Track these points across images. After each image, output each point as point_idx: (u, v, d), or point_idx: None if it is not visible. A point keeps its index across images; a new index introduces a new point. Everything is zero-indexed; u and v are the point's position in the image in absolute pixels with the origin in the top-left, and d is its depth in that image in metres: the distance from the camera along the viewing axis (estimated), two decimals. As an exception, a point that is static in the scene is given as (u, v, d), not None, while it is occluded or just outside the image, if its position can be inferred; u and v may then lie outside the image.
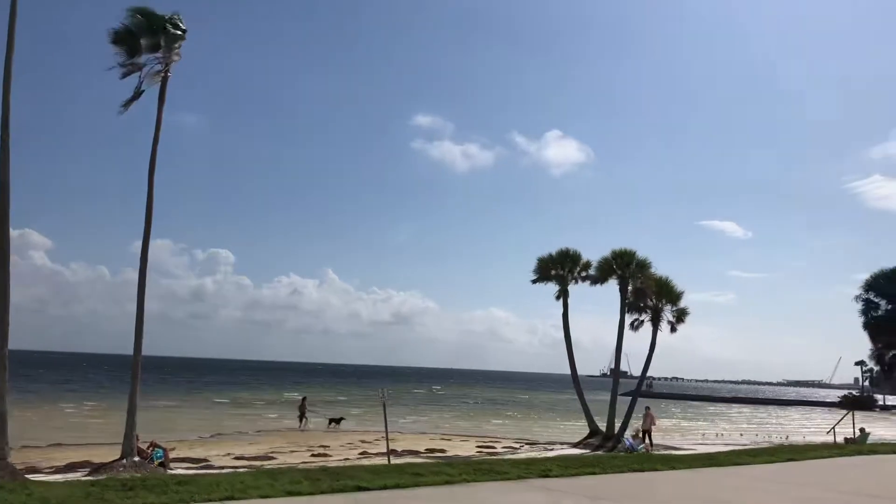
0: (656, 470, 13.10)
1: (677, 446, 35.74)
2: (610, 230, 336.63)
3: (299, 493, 8.98)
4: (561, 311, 36.67)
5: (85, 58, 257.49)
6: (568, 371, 37.96)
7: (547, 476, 11.57)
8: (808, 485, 12.44)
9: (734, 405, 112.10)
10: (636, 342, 36.13)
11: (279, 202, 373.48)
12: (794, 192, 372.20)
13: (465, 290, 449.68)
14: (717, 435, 47.71)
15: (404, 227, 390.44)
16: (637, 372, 37.02)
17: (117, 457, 22.13)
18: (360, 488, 9.56)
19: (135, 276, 23.76)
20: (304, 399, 44.32)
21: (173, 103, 22.95)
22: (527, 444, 35.87)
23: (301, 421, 41.88)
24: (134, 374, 23.75)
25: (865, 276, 64.79)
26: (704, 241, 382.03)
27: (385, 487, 9.72)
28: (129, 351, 22.93)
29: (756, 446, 32.66)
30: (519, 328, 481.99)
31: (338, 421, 42.32)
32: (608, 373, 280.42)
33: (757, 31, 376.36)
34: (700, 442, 40.61)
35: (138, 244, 23.52)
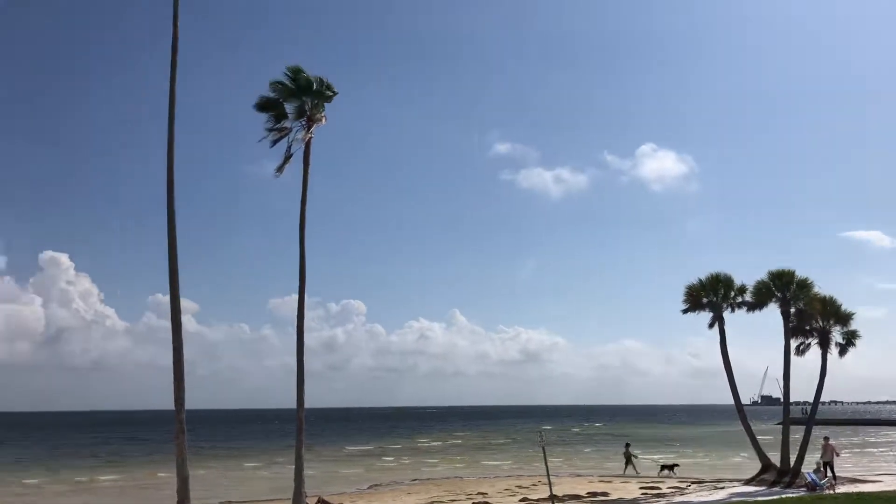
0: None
1: (861, 478, 32.89)
2: (735, 246, 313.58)
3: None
4: (688, 338, 34.82)
5: (204, 127, 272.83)
6: (715, 401, 36.49)
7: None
8: None
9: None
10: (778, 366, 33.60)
11: (403, 250, 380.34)
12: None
13: (594, 323, 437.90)
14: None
15: (524, 262, 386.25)
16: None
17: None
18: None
19: (271, 331, 24.37)
20: (627, 445, 43.26)
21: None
22: (693, 482, 33.97)
23: (626, 466, 40.76)
24: (299, 428, 24.07)
25: None
26: (848, 253, 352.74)
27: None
28: (269, 405, 23.65)
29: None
30: (654, 359, 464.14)
31: (671, 468, 39.20)
32: (759, 400, 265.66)
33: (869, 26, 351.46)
34: (887, 472, 37.24)
35: (275, 301, 24.57)
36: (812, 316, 32.47)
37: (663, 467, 39.20)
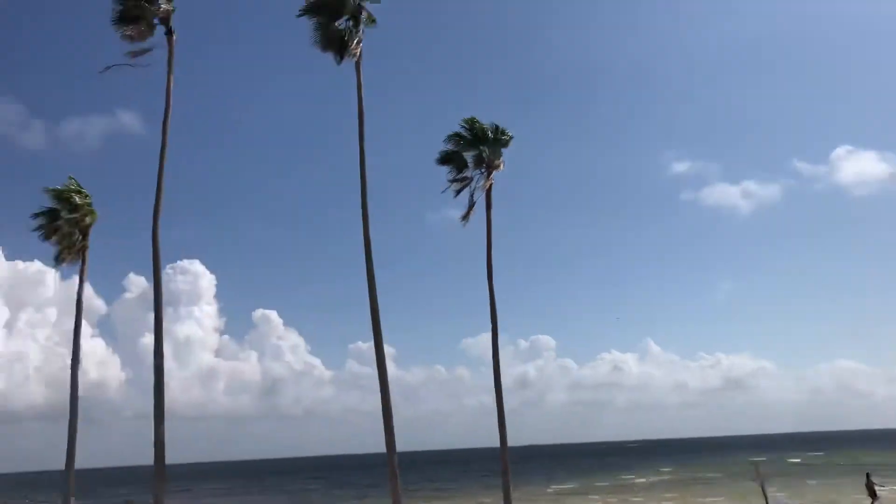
0: None
1: None
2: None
3: None
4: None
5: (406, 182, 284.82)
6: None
7: None
8: None
9: None
10: None
11: (586, 282, 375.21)
12: None
13: (803, 344, 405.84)
14: None
15: (718, 284, 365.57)
16: None
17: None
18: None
19: (465, 371, 24.92)
20: (868, 475, 41.32)
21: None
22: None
23: (872, 500, 38.83)
24: (504, 469, 24.48)
25: None
26: None
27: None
28: (467, 444, 23.94)
29: None
30: (876, 379, 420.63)
31: None
32: None
33: None
34: None
35: (467, 341, 25.01)
36: None
37: None
